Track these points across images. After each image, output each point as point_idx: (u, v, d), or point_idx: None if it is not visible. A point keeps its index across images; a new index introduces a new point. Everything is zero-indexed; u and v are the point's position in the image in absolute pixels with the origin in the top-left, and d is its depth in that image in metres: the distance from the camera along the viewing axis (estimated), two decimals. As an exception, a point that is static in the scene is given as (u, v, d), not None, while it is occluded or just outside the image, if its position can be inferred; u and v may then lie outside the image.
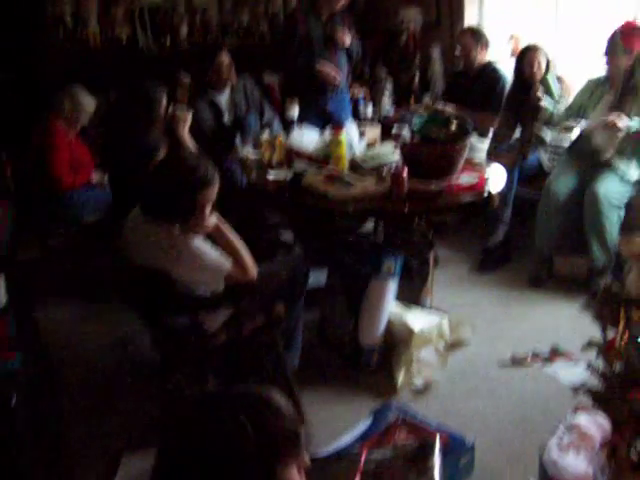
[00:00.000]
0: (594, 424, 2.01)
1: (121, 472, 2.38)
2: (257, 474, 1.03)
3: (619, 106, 3.36)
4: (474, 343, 3.16)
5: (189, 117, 3.36)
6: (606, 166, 3.45)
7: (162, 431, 1.10)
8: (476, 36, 4.20)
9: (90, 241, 3.77)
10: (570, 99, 3.79)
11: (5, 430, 1.33)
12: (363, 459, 1.95)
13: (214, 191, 2.26)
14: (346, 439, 2.28)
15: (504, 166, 3.34)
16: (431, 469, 1.80)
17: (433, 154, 2.95)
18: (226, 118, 3.86)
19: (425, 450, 1.89)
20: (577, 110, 3.64)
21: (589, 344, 1.93)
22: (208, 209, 2.27)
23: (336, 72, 4.08)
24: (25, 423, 1.48)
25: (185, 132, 3.30)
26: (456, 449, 2.28)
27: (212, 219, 2.32)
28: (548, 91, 3.77)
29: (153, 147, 3.22)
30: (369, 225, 4.29)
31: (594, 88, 3.62)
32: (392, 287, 2.91)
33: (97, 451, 2.51)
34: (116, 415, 2.67)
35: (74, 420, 2.70)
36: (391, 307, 2.95)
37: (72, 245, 3.97)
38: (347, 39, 4.09)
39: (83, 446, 2.56)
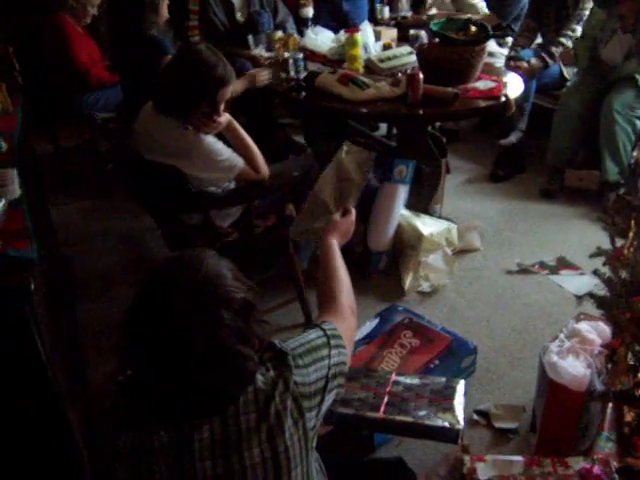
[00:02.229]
0: (595, 330, 2.05)
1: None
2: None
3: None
4: (482, 251, 3.19)
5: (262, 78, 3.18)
6: (624, 79, 3.37)
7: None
8: None
9: (101, 139, 3.76)
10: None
11: (25, 313, 1.37)
12: (392, 380, 2.03)
13: (230, 90, 2.24)
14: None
15: (523, 74, 3.25)
16: (455, 408, 1.89)
17: (450, 57, 2.88)
18: (239, 15, 3.76)
19: (452, 388, 1.97)
20: (591, 41, 3.51)
21: (597, 252, 1.93)
22: (222, 107, 2.25)
23: None
24: (42, 308, 1.52)
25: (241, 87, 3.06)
26: (459, 351, 2.35)
27: (225, 117, 2.30)
28: None
29: (159, 42, 3.16)
30: (382, 129, 4.26)
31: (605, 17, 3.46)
32: (403, 192, 2.91)
33: (110, 341, 2.61)
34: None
35: (88, 311, 2.79)
36: (401, 213, 2.96)
37: (83, 143, 3.96)
38: None
39: (94, 331, 2.67)
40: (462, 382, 2.03)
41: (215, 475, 1.08)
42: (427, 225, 2.93)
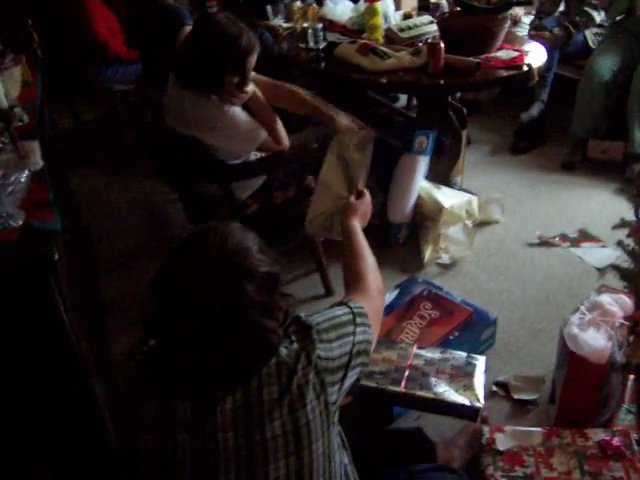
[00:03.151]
0: (617, 303, 2.04)
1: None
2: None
3: None
4: (503, 223, 3.17)
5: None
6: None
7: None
8: None
9: (121, 111, 3.76)
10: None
11: (49, 284, 1.39)
12: (413, 353, 2.04)
13: (255, 58, 2.19)
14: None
15: (546, 43, 3.19)
16: (476, 385, 1.90)
17: (472, 26, 2.84)
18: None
19: (473, 365, 1.98)
20: None
21: (620, 224, 1.91)
22: (249, 77, 2.22)
23: None
24: (65, 280, 1.53)
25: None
26: (479, 322, 2.35)
27: (250, 87, 2.28)
28: None
29: (177, 12, 3.13)
30: (402, 100, 4.22)
31: None
32: (423, 163, 2.89)
33: (132, 313, 2.63)
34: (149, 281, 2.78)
35: (109, 283, 2.82)
36: (421, 184, 2.94)
37: (103, 116, 3.97)
38: None
39: (116, 303, 2.69)
40: (483, 358, 2.04)
41: (237, 446, 1.09)
42: (447, 197, 2.91)
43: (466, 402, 1.84)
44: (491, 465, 1.75)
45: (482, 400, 1.86)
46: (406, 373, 1.94)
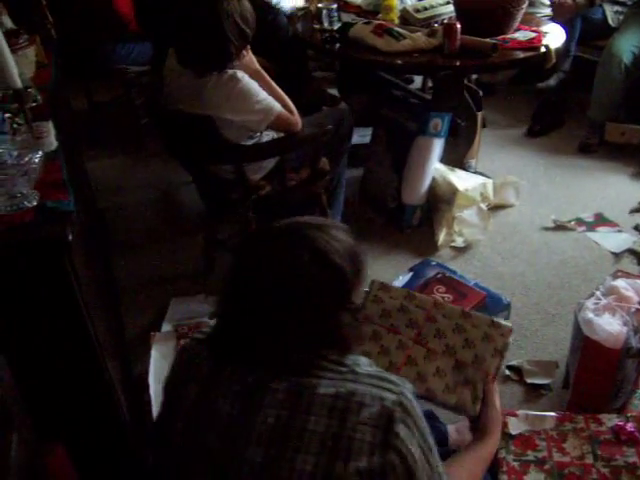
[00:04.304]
0: (632, 288, 2.02)
1: (169, 314, 2.52)
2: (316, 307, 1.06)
3: None
4: (518, 207, 3.15)
5: None
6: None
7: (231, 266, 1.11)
8: None
9: (135, 93, 3.75)
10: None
11: (64, 264, 1.39)
12: (428, 316, 2.00)
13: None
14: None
15: (567, 11, 3.12)
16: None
17: (489, 6, 2.79)
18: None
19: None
20: None
21: (638, 208, 1.90)
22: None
23: None
24: (80, 261, 1.54)
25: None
26: (492, 306, 2.33)
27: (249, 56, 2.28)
28: None
29: None
30: (417, 82, 4.18)
31: None
32: (438, 146, 2.87)
33: (145, 295, 2.65)
34: (163, 263, 2.79)
35: (123, 265, 2.83)
36: (436, 167, 2.92)
37: (117, 97, 3.96)
38: None
39: (130, 285, 2.69)
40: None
41: (262, 466, 1.01)
42: (462, 180, 2.89)
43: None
44: (503, 449, 1.74)
45: None
46: (407, 352, 1.85)
